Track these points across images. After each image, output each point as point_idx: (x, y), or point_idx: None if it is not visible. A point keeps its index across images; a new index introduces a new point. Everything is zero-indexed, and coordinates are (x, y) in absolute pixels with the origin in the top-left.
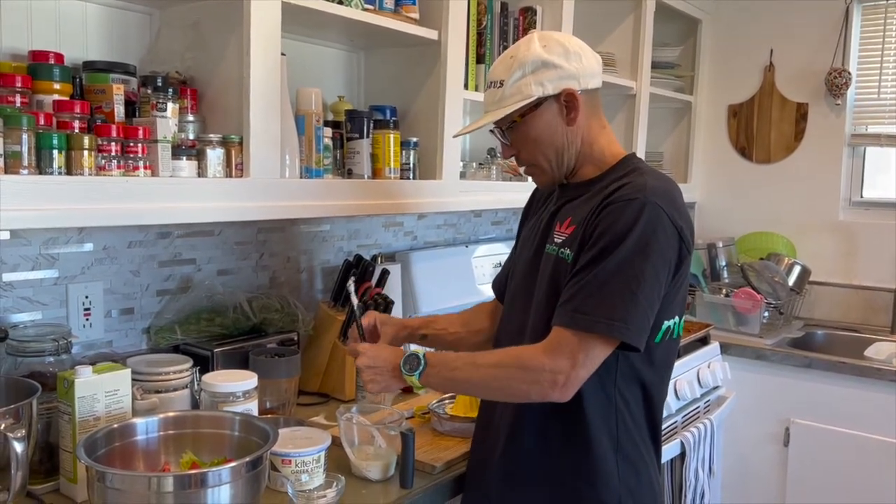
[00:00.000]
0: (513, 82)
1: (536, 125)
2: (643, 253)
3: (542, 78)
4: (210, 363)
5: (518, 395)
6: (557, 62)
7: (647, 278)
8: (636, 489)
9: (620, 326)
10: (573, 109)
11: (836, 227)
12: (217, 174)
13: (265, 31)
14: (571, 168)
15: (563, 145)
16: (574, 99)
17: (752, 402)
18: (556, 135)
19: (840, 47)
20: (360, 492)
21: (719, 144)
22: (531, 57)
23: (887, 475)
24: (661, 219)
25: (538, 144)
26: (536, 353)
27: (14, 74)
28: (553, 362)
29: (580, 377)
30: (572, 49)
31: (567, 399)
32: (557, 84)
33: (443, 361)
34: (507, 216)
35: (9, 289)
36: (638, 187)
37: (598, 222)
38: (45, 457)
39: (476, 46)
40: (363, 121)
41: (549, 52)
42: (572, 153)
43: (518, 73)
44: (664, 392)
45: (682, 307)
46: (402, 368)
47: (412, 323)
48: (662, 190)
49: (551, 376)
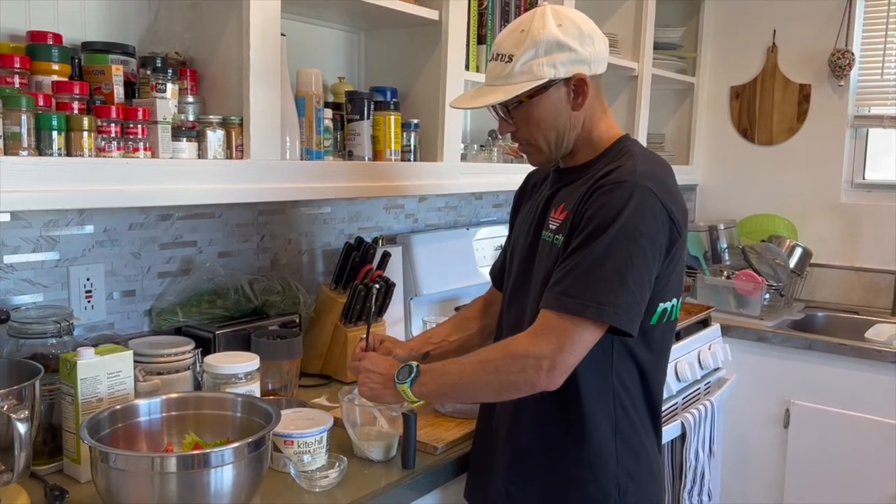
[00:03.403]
0: (525, 61)
1: (542, 106)
2: (632, 236)
3: (555, 60)
4: (212, 345)
5: (508, 387)
6: (572, 45)
7: (637, 261)
8: (635, 472)
9: (609, 310)
10: (581, 95)
11: (838, 209)
12: (217, 156)
13: (265, 11)
14: (569, 150)
15: (566, 128)
16: (584, 84)
17: (752, 384)
18: (560, 118)
19: (843, 28)
20: (362, 472)
21: (721, 126)
22: (546, 36)
23: (887, 457)
24: (651, 201)
25: (540, 125)
26: (520, 338)
27: (12, 55)
28: (536, 347)
29: (567, 362)
30: (587, 32)
31: (556, 386)
32: (570, 68)
33: (433, 368)
34: (508, 199)
35: (10, 271)
36: (627, 171)
37: (587, 207)
38: (49, 438)
39: (477, 27)
40: (364, 102)
41: (565, 33)
42: (572, 136)
43: (531, 51)
44: (662, 374)
45: (678, 289)
46: (396, 378)
47: (411, 345)
48: (652, 172)
49: (535, 362)
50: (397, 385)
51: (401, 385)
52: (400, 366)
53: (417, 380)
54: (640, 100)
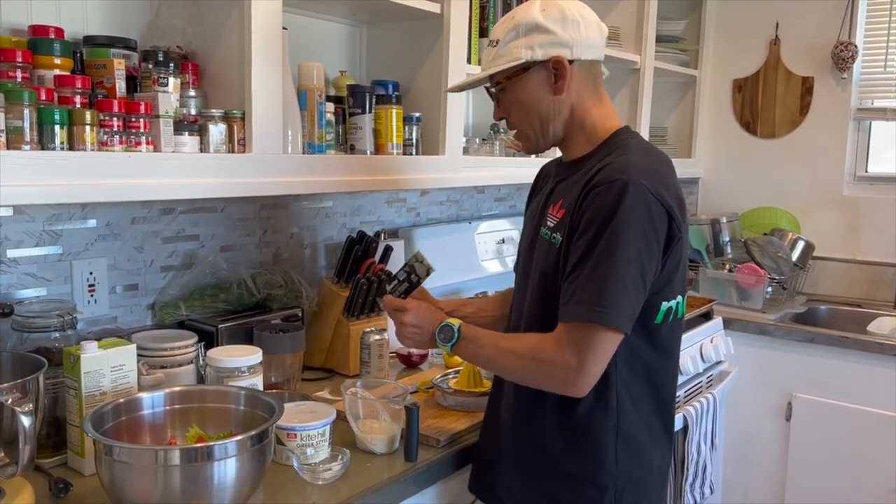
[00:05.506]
0: (505, 43)
1: (523, 89)
2: (629, 234)
3: (533, 42)
4: (215, 339)
5: (533, 384)
6: (551, 27)
7: (634, 260)
8: (634, 474)
9: (605, 312)
10: (561, 78)
11: (841, 203)
12: (219, 150)
13: (266, 5)
14: (559, 138)
15: (549, 114)
16: (562, 67)
17: (754, 377)
18: (541, 102)
19: (846, 20)
20: (364, 465)
21: (724, 119)
22: (526, 19)
23: (889, 449)
24: (645, 197)
25: (524, 110)
26: (548, 343)
27: (14, 49)
28: (561, 357)
29: (592, 373)
30: (571, 16)
31: (584, 394)
32: (548, 50)
33: (473, 337)
34: (510, 192)
35: (13, 265)
36: (619, 168)
37: (583, 209)
38: (53, 431)
39: (479, 20)
40: (365, 96)
41: (545, 17)
42: (558, 123)
43: (512, 33)
44: (671, 374)
45: (682, 287)
46: (437, 337)
47: (443, 306)
48: (646, 167)
49: (562, 374)
50: (438, 343)
51: (442, 345)
52: (441, 323)
53: (457, 343)
54: (643, 93)
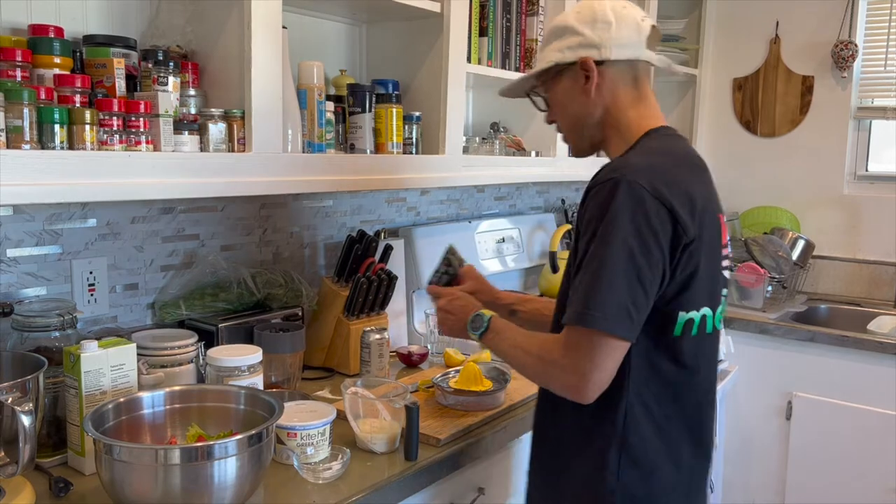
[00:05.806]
0: (543, 47)
1: (558, 91)
2: (618, 233)
3: (563, 45)
4: (215, 338)
5: (544, 385)
6: (580, 29)
7: (624, 259)
8: (637, 492)
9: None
10: (589, 79)
11: (841, 201)
12: (219, 149)
13: (266, 4)
14: (597, 140)
15: (582, 115)
16: (590, 69)
17: (754, 376)
18: (573, 103)
19: (847, 19)
20: (365, 464)
21: (724, 118)
22: (560, 22)
23: (889, 448)
24: (639, 195)
25: (561, 112)
26: (552, 345)
27: (14, 48)
28: (562, 358)
29: (594, 379)
30: (602, 17)
31: (590, 402)
32: (577, 52)
33: (500, 329)
34: (510, 191)
35: (13, 264)
36: (616, 167)
37: (585, 210)
38: (53, 430)
39: (479, 19)
40: (365, 95)
41: (577, 19)
42: (593, 124)
43: (550, 38)
44: (701, 392)
45: (705, 298)
46: (469, 325)
47: (504, 297)
48: (647, 165)
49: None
50: (468, 332)
51: (472, 334)
52: (475, 312)
53: (485, 335)
54: None
